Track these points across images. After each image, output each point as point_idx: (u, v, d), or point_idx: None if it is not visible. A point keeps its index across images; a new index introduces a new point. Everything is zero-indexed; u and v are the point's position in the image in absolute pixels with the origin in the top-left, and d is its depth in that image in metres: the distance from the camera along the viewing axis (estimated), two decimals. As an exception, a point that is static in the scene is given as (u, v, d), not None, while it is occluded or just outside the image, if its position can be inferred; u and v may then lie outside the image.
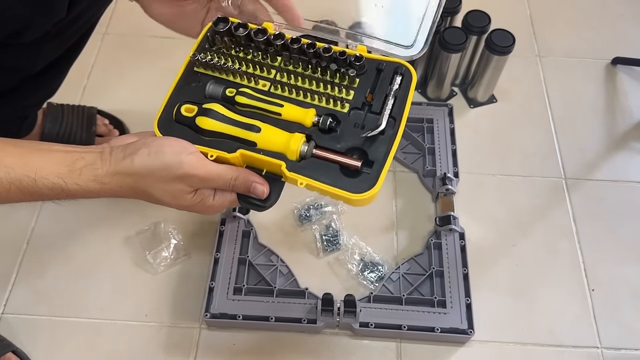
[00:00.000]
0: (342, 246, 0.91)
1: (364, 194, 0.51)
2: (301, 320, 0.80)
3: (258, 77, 0.56)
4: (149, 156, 0.51)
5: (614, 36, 1.22)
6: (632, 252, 0.92)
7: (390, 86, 0.55)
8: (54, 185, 0.50)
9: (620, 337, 0.84)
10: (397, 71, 0.56)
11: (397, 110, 0.54)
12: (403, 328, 0.79)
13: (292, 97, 0.56)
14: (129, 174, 0.51)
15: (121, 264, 0.90)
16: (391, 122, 0.54)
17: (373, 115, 0.55)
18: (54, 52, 0.78)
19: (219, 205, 0.55)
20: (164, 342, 0.83)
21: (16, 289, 0.87)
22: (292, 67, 0.56)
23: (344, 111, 0.55)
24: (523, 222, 0.95)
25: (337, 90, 0.55)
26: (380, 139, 0.53)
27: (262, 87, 0.56)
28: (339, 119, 0.55)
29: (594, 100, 1.12)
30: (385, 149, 0.52)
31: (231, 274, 0.84)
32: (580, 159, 1.03)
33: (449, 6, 1.02)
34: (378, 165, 0.52)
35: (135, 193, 0.53)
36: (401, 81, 0.56)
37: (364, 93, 0.56)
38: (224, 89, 0.56)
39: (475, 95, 1.10)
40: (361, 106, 0.55)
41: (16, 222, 0.94)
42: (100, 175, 0.51)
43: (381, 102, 0.55)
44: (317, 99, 0.55)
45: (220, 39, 0.56)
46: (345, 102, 0.55)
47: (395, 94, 0.55)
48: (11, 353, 0.78)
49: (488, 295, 0.87)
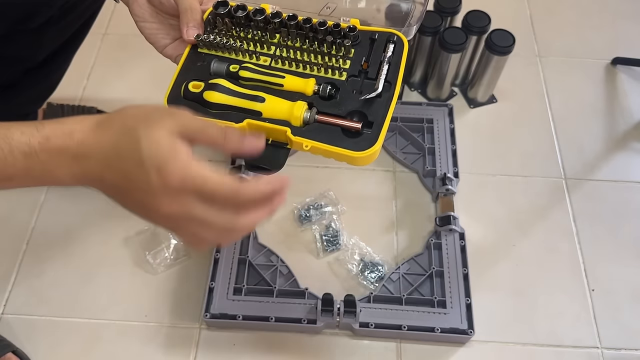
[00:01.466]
0: (342, 246, 0.91)
1: (365, 152, 0.53)
2: (301, 320, 0.80)
3: (259, 54, 0.59)
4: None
5: (614, 36, 1.22)
6: (632, 252, 0.92)
7: (384, 53, 0.58)
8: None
9: (620, 337, 0.84)
10: (390, 39, 0.59)
11: (392, 75, 0.57)
12: (403, 328, 0.79)
13: (293, 70, 0.59)
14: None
15: (121, 265, 0.90)
16: (387, 86, 0.57)
17: (369, 81, 0.58)
18: (56, 40, 0.78)
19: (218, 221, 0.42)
20: (163, 342, 0.83)
21: (16, 289, 0.87)
22: (290, 42, 0.59)
23: (342, 79, 0.58)
24: (523, 222, 0.95)
25: (335, 61, 0.58)
26: (378, 102, 0.56)
27: (263, 62, 0.59)
28: (338, 86, 0.58)
29: (594, 100, 1.12)
30: (383, 110, 0.56)
31: (231, 274, 0.84)
32: (580, 159, 1.03)
33: (449, 6, 1.02)
34: (377, 125, 0.55)
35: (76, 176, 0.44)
36: (394, 49, 0.59)
37: (360, 61, 0.59)
38: (228, 66, 0.58)
39: (475, 96, 1.10)
40: (358, 74, 0.58)
41: (16, 223, 0.94)
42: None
43: (376, 69, 0.58)
44: (316, 69, 0.58)
45: (221, 21, 0.59)
46: (342, 71, 0.58)
47: (389, 60, 0.58)
48: (11, 353, 0.78)
49: (488, 295, 0.87)
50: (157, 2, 0.59)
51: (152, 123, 0.42)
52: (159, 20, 0.61)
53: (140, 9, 0.60)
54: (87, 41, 0.89)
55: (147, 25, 0.61)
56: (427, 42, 1.03)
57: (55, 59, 0.83)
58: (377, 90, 0.56)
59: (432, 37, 1.02)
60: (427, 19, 1.00)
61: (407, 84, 1.13)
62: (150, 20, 0.61)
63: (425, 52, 1.05)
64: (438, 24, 1.00)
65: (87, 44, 0.91)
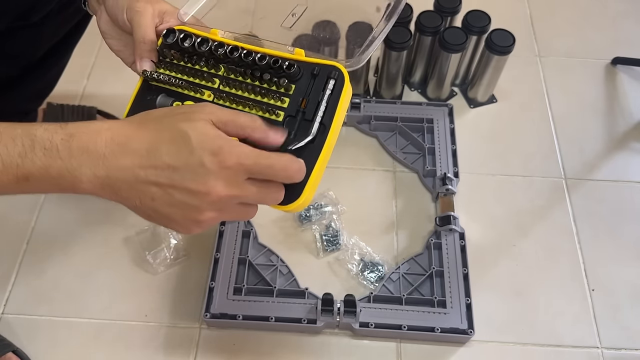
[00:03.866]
0: (342, 246, 0.91)
1: (289, 206, 0.49)
2: (301, 320, 0.80)
3: (203, 88, 0.56)
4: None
5: (613, 36, 1.22)
6: (632, 252, 0.92)
7: (323, 92, 0.53)
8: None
9: (620, 337, 0.84)
10: (330, 75, 0.53)
11: (328, 117, 0.52)
12: (403, 328, 0.79)
13: (234, 107, 0.55)
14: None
15: (121, 264, 0.90)
16: (322, 128, 0.52)
17: (306, 122, 0.53)
18: (54, 36, 0.78)
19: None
20: (163, 342, 0.83)
21: (16, 289, 0.87)
22: (233, 76, 0.56)
23: (279, 120, 0.53)
24: (523, 222, 0.95)
25: (273, 99, 0.54)
26: (310, 149, 0.51)
27: (207, 97, 0.56)
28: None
29: (594, 100, 1.12)
30: (314, 159, 0.50)
31: (231, 274, 0.84)
32: (580, 159, 1.03)
33: (449, 6, 1.02)
34: (305, 176, 0.49)
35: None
36: (334, 85, 0.53)
37: (299, 100, 0.54)
38: (172, 102, 0.56)
39: (475, 95, 1.10)
40: (295, 114, 0.53)
41: (16, 222, 0.94)
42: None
43: (313, 109, 0.53)
44: (255, 109, 0.54)
45: (169, 52, 0.56)
46: (278, 111, 0.53)
47: (328, 99, 0.53)
48: (11, 353, 0.78)
49: (488, 295, 0.87)
50: (120, 21, 0.57)
51: (188, 116, 0.43)
52: (124, 38, 0.60)
53: (105, 26, 0.60)
54: (87, 41, 0.89)
55: (113, 42, 0.61)
56: (427, 42, 1.03)
57: (53, 55, 0.83)
58: (308, 137, 0.51)
59: (432, 37, 1.02)
60: (427, 18, 1.01)
61: (407, 84, 1.13)
62: (116, 38, 0.60)
63: (425, 52, 1.05)
64: (438, 23, 1.00)
65: (87, 43, 0.91)
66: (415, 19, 1.02)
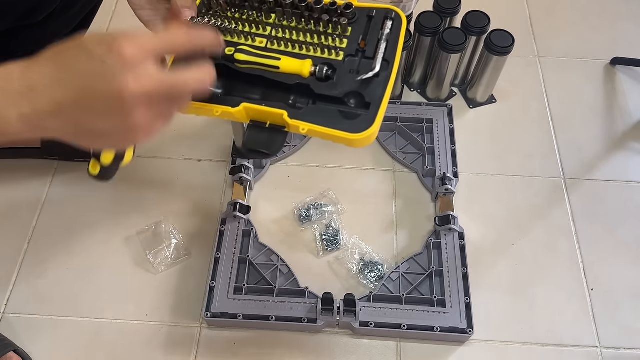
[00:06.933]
0: (342, 246, 0.91)
1: (363, 134, 0.53)
2: (301, 319, 0.80)
3: (254, 35, 0.58)
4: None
5: (613, 36, 1.23)
6: (631, 251, 0.92)
7: (382, 31, 0.57)
8: None
9: (620, 336, 0.84)
10: (388, 16, 0.58)
11: (390, 53, 0.56)
12: (403, 327, 0.80)
13: (289, 51, 0.58)
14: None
15: (122, 264, 0.90)
16: (385, 64, 0.56)
17: (367, 60, 0.57)
18: (57, 35, 0.79)
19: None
20: (164, 341, 0.83)
21: (17, 289, 0.88)
22: (286, 22, 0.58)
23: (339, 59, 0.57)
24: (522, 221, 0.95)
25: (331, 40, 0.57)
26: (376, 82, 0.55)
27: (259, 44, 0.58)
28: (335, 66, 0.57)
29: (593, 101, 1.12)
30: (381, 90, 0.54)
31: (232, 273, 0.85)
32: (579, 159, 1.03)
33: (449, 7, 1.02)
34: (375, 106, 0.54)
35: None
36: (392, 25, 0.57)
37: (357, 40, 0.57)
38: (224, 49, 0.58)
39: (474, 96, 1.10)
40: (355, 53, 0.57)
41: (17, 222, 0.94)
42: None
43: (374, 47, 0.57)
44: (312, 50, 0.57)
45: (215, 2, 0.58)
46: (339, 51, 0.57)
47: (387, 38, 0.57)
48: (13, 352, 0.79)
49: (487, 294, 0.87)
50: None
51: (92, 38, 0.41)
52: (154, 7, 0.62)
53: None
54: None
55: (144, 13, 0.62)
56: (426, 43, 1.03)
57: None
58: (374, 70, 0.54)
59: (431, 37, 1.02)
60: (426, 19, 1.01)
61: (406, 84, 1.13)
62: (147, 7, 0.62)
63: (424, 53, 1.06)
64: (437, 24, 1.00)
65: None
66: (415, 19, 1.02)
